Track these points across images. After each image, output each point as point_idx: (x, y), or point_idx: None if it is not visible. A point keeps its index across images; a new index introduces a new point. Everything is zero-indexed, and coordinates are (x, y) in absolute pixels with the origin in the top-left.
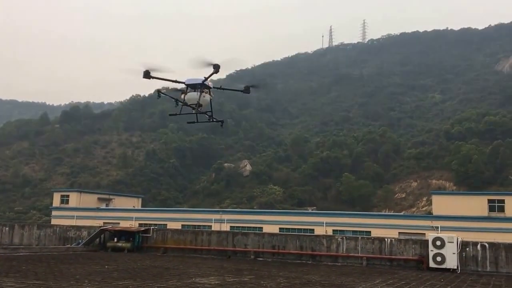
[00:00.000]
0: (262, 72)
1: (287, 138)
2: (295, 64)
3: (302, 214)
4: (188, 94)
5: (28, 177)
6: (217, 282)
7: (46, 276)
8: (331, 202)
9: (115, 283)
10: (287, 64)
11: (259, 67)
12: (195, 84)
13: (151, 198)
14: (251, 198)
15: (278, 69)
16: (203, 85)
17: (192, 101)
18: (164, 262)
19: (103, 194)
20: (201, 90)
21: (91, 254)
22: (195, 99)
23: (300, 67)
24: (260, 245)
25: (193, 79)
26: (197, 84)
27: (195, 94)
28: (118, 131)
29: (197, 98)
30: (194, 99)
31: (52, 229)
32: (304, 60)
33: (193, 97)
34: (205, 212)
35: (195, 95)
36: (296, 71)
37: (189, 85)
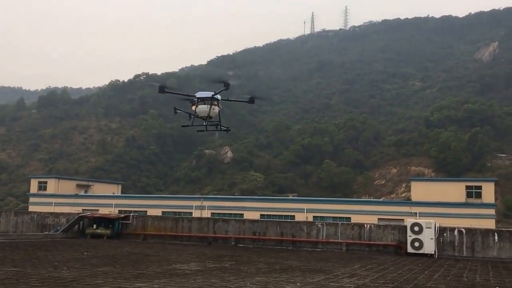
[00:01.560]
0: (244, 58)
1: (268, 125)
2: (277, 51)
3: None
4: (199, 107)
5: (4, 164)
6: (197, 268)
7: (23, 263)
8: (312, 188)
9: (94, 269)
10: (269, 50)
11: (240, 53)
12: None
13: (131, 185)
14: (232, 185)
15: (260, 55)
16: (212, 99)
17: (203, 113)
18: (144, 248)
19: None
20: (211, 103)
21: (70, 241)
22: (205, 111)
23: (282, 53)
24: (240, 232)
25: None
26: (207, 97)
27: (205, 106)
28: (97, 117)
29: (207, 111)
30: (204, 111)
31: (29, 216)
32: (286, 46)
33: (204, 109)
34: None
35: (205, 108)
36: (278, 58)
37: (200, 98)
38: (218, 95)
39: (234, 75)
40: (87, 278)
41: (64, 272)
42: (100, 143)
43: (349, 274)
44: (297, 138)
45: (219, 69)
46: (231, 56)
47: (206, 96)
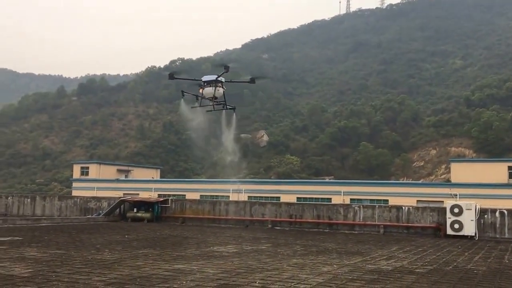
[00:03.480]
0: (278, 40)
1: (304, 108)
2: (311, 32)
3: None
4: (205, 89)
5: (48, 150)
6: (234, 250)
7: (67, 246)
8: (348, 171)
9: (135, 251)
10: (304, 32)
11: (275, 36)
12: (210, 80)
13: (169, 169)
14: (269, 168)
15: (294, 37)
16: (217, 81)
17: (209, 95)
18: (182, 231)
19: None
20: (215, 85)
21: (112, 224)
22: (211, 92)
23: (317, 35)
24: (277, 215)
25: (209, 77)
26: (212, 80)
27: (211, 88)
28: (135, 103)
29: (213, 92)
30: (210, 92)
31: (72, 200)
32: (321, 27)
33: (209, 91)
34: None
35: (210, 90)
36: (312, 39)
37: (206, 82)
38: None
39: (269, 58)
40: (128, 260)
41: (106, 254)
42: (138, 128)
43: (387, 256)
44: (333, 121)
45: (254, 52)
46: (266, 39)
47: (211, 79)
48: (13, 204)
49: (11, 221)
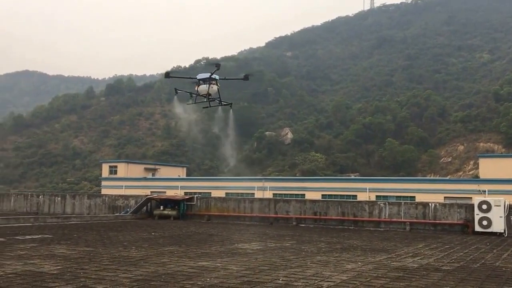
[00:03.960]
0: (302, 38)
1: (328, 104)
2: (335, 29)
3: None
4: (200, 87)
5: (78, 149)
6: (259, 248)
7: (95, 243)
8: (374, 168)
9: (161, 248)
10: (327, 29)
11: (298, 33)
12: (204, 78)
13: (195, 167)
14: (293, 166)
15: (318, 34)
16: (211, 79)
17: (203, 92)
18: (208, 228)
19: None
20: (209, 83)
21: (139, 221)
22: (205, 90)
23: (341, 31)
24: (301, 212)
25: (203, 75)
26: (206, 78)
27: (205, 86)
28: (161, 102)
29: (207, 89)
30: (204, 90)
31: (101, 198)
32: (344, 24)
33: (204, 88)
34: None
35: (205, 87)
36: (336, 36)
37: (200, 80)
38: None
39: (292, 55)
40: (153, 257)
41: (133, 251)
42: (165, 127)
43: (412, 254)
44: (358, 117)
45: (277, 50)
46: (289, 37)
47: (205, 77)
48: (44, 203)
49: (42, 219)
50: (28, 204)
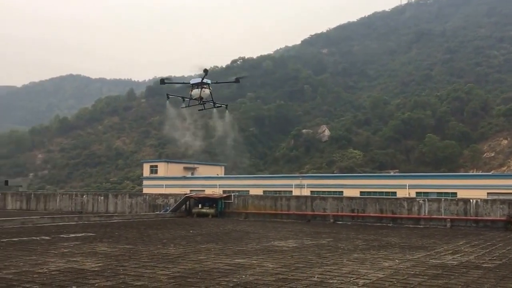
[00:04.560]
0: (338, 34)
1: (365, 101)
2: (372, 24)
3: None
4: (193, 91)
5: (120, 150)
6: (295, 245)
7: (136, 241)
8: (414, 164)
9: (198, 246)
10: (364, 24)
11: (334, 30)
12: (197, 83)
13: (233, 166)
14: (331, 163)
15: (354, 30)
16: (202, 83)
17: (196, 95)
18: (245, 226)
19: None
20: (201, 87)
21: (178, 220)
22: (197, 93)
23: (378, 27)
24: (339, 209)
25: (196, 80)
26: (198, 83)
27: (197, 90)
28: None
29: (199, 93)
30: (197, 94)
31: (142, 197)
32: (381, 19)
33: (196, 92)
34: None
35: (197, 91)
36: (373, 32)
37: (193, 84)
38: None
39: (328, 52)
40: (191, 254)
41: (171, 248)
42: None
43: (452, 251)
44: (397, 113)
45: (313, 47)
46: (325, 34)
47: (197, 82)
48: (88, 202)
49: (86, 218)
50: (73, 203)
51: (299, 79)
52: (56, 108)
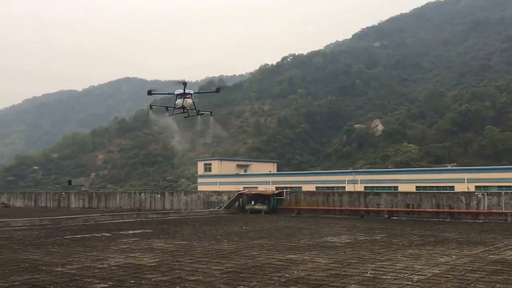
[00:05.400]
0: (390, 27)
1: (420, 93)
2: (425, 15)
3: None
4: (177, 101)
5: (175, 149)
6: (348, 241)
7: (191, 237)
8: (472, 157)
9: (251, 242)
10: (417, 15)
11: (386, 23)
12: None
13: (285, 162)
14: (385, 158)
15: (407, 22)
16: (185, 94)
17: (179, 105)
18: (297, 222)
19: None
20: (183, 97)
21: (231, 216)
22: (180, 103)
23: (431, 17)
24: (393, 204)
25: (179, 91)
26: (181, 93)
27: (180, 100)
28: (251, 100)
29: (181, 102)
30: (180, 103)
31: (196, 194)
32: (434, 9)
33: (180, 102)
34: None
35: (180, 101)
36: (426, 22)
37: (177, 95)
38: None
39: (380, 45)
40: (244, 250)
41: (225, 244)
42: (255, 125)
43: None
44: (453, 105)
45: (365, 41)
46: (377, 27)
47: (180, 92)
48: (146, 200)
49: (144, 215)
50: (132, 201)
51: (350, 74)
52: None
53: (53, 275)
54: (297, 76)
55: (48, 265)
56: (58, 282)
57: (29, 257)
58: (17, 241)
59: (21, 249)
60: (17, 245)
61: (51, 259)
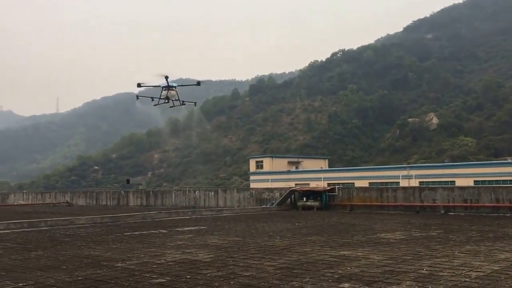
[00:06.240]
0: (443, 18)
1: (476, 85)
2: (480, 3)
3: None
4: (162, 92)
5: (227, 148)
6: (402, 237)
7: (244, 234)
8: None
9: (303, 238)
10: (471, 5)
11: (438, 14)
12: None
13: (337, 158)
14: (441, 152)
15: (461, 12)
16: (168, 86)
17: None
18: (350, 219)
19: (292, 158)
20: (167, 89)
21: (283, 213)
22: (165, 94)
23: (487, 5)
24: (450, 200)
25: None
26: (165, 86)
27: (165, 92)
28: (301, 97)
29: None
30: (164, 94)
31: (249, 192)
32: None
33: (164, 93)
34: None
35: (165, 92)
36: (482, 12)
37: (163, 87)
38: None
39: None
40: (296, 246)
41: (277, 241)
42: (305, 121)
43: None
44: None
45: (417, 33)
46: (429, 18)
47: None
48: (200, 197)
49: (198, 212)
50: (187, 199)
51: (402, 67)
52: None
53: (113, 270)
54: (347, 72)
55: (109, 260)
56: (119, 277)
57: (91, 253)
58: (80, 238)
59: (84, 246)
60: (80, 241)
61: (112, 255)
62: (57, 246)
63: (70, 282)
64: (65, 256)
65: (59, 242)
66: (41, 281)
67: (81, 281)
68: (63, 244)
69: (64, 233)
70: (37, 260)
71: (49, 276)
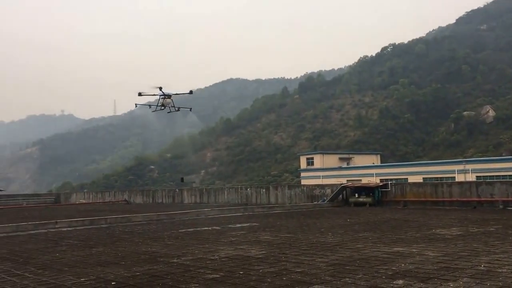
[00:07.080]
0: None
1: None
2: None
3: None
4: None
5: (278, 145)
6: (459, 233)
7: (295, 230)
8: None
9: (356, 234)
10: None
11: (493, 3)
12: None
13: (389, 154)
14: (498, 145)
15: None
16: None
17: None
18: (403, 214)
19: (343, 154)
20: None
21: (335, 209)
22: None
23: None
24: (509, 194)
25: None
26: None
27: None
28: (351, 93)
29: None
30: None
31: (300, 188)
32: None
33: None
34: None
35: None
36: None
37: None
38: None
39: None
40: (348, 242)
41: (329, 237)
42: (356, 117)
43: None
44: None
45: (470, 25)
46: (483, 9)
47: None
48: (252, 195)
49: (250, 209)
50: (239, 196)
51: (455, 60)
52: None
53: (169, 266)
54: (398, 66)
55: (165, 256)
56: (174, 272)
57: (148, 249)
58: (137, 235)
59: (141, 242)
60: (137, 238)
61: (168, 251)
62: (116, 242)
63: (129, 277)
64: (123, 252)
65: (118, 239)
66: (102, 276)
67: (139, 276)
68: (122, 241)
69: (123, 230)
70: (97, 256)
71: (109, 271)
